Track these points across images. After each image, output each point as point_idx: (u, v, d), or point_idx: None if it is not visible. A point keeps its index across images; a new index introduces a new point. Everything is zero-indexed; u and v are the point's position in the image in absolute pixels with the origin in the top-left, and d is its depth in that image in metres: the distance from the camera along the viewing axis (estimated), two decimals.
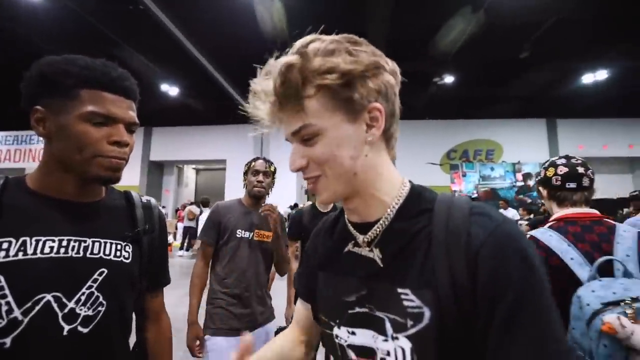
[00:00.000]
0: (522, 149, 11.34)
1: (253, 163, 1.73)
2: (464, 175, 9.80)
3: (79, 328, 0.60)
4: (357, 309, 0.50)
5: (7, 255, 0.56)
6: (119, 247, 0.68)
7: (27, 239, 0.58)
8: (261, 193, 1.70)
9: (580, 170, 1.11)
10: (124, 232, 0.70)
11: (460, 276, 0.42)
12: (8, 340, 0.54)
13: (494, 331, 0.39)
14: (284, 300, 2.18)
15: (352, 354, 0.51)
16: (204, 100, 10.36)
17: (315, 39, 0.47)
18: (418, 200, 0.51)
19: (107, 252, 0.65)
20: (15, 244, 0.57)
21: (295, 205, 10.57)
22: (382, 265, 0.49)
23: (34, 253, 0.58)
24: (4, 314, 0.54)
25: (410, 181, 0.54)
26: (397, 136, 0.53)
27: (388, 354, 0.46)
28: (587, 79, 8.58)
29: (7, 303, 0.55)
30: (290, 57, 0.45)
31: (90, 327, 0.61)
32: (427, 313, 0.43)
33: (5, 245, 0.56)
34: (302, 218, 2.13)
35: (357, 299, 0.51)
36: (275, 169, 1.78)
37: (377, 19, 6.25)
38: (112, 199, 0.73)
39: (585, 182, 1.10)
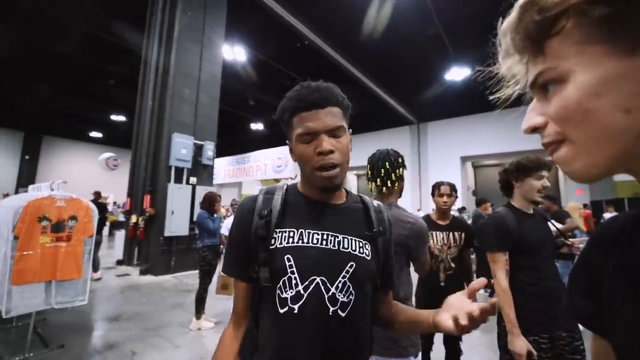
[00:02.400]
0: None
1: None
2: None
3: (339, 312, 0.67)
4: None
5: (293, 242, 0.70)
6: (360, 244, 0.74)
7: (303, 230, 0.71)
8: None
9: None
10: (363, 232, 0.76)
11: None
12: (296, 307, 0.66)
13: None
14: None
15: None
16: (357, 110, 11.29)
17: None
18: None
19: (354, 247, 0.73)
20: (297, 233, 0.71)
21: (463, 208, 9.62)
22: None
23: (308, 242, 0.70)
24: (293, 286, 0.67)
25: None
26: None
27: None
28: None
29: (295, 278, 0.67)
30: None
31: (346, 312, 0.68)
32: None
33: (292, 234, 0.71)
34: (507, 225, 1.61)
35: None
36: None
37: None
38: (351, 202, 0.82)
39: None
